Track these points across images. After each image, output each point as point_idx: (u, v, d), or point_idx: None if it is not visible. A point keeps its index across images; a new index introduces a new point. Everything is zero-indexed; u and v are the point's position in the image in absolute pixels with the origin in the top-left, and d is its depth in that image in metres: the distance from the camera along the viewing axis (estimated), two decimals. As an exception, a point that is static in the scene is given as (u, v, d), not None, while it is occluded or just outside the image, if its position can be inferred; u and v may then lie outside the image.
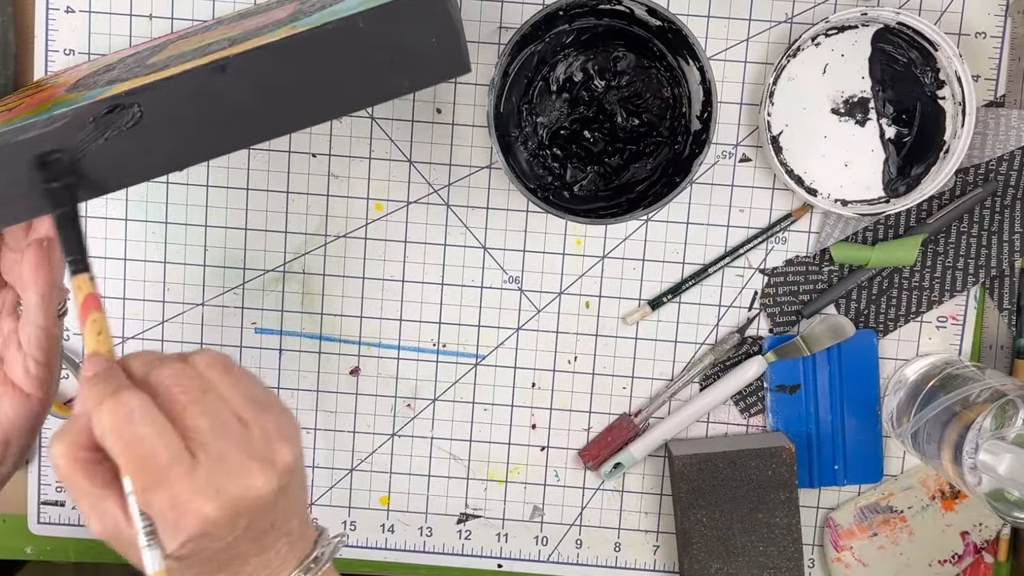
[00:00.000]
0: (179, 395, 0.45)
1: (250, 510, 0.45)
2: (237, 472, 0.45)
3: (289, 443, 0.47)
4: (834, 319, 0.74)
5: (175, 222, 0.75)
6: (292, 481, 0.47)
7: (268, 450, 0.46)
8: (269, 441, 0.46)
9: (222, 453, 0.45)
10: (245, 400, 0.47)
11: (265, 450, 0.46)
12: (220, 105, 0.51)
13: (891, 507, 0.76)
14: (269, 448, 0.46)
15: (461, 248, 0.75)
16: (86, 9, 0.72)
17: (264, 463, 0.46)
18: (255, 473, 0.45)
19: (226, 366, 0.48)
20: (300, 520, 0.50)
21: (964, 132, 0.68)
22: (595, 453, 0.77)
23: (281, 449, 0.47)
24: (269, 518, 0.47)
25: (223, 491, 0.44)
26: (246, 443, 0.46)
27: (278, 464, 0.46)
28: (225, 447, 0.45)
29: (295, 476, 0.48)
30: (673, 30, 0.66)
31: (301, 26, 0.50)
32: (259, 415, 0.47)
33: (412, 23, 0.50)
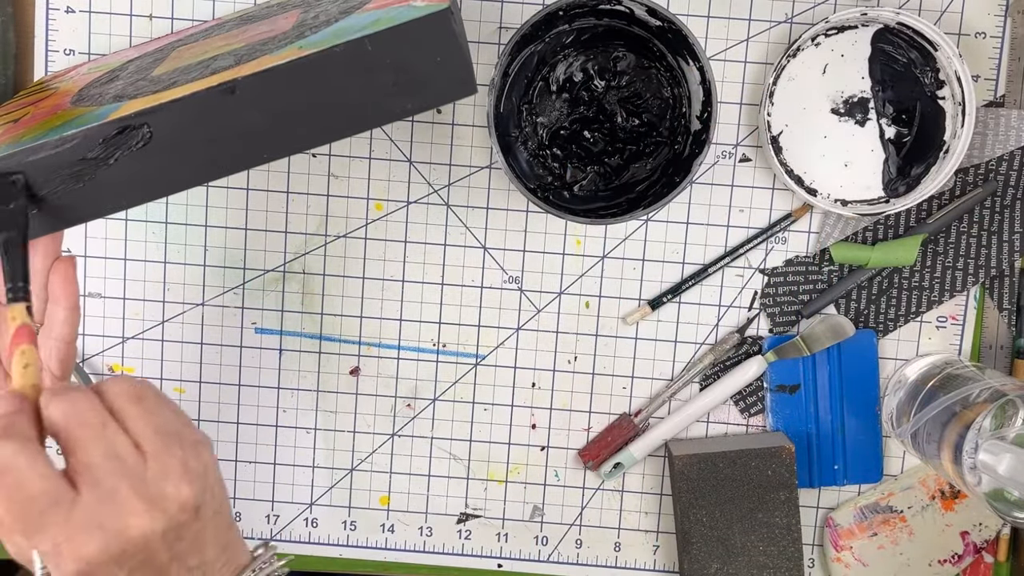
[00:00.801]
0: (75, 430, 0.45)
1: (138, 548, 0.45)
2: (121, 510, 0.44)
3: (189, 479, 0.46)
4: (834, 319, 0.74)
5: (175, 222, 0.75)
6: (199, 514, 0.47)
7: (162, 487, 0.46)
8: (167, 477, 0.46)
9: (110, 490, 0.44)
10: (152, 432, 0.47)
11: (159, 487, 0.45)
12: (228, 126, 0.51)
13: (891, 507, 0.76)
14: (164, 485, 0.46)
15: (461, 248, 0.75)
16: (86, 9, 0.72)
17: (153, 501, 0.45)
18: (140, 512, 0.44)
19: (138, 395, 0.47)
20: (219, 547, 0.49)
21: (964, 132, 0.68)
22: (595, 453, 0.77)
23: (179, 486, 0.46)
24: (167, 553, 0.46)
25: (105, 529, 0.44)
26: (139, 479, 0.45)
27: (171, 502, 0.46)
28: (115, 483, 0.44)
29: (204, 507, 0.47)
30: (673, 30, 0.66)
31: (308, 47, 0.51)
32: (164, 449, 0.46)
33: (419, 46, 0.50)
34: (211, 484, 0.48)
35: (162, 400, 0.49)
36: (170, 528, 0.46)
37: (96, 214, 0.53)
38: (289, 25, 0.58)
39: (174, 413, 0.49)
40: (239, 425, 0.77)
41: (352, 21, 0.53)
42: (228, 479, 0.78)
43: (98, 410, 0.46)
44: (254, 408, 0.77)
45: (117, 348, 0.76)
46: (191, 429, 0.49)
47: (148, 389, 0.48)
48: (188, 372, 0.76)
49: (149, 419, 0.47)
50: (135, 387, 0.48)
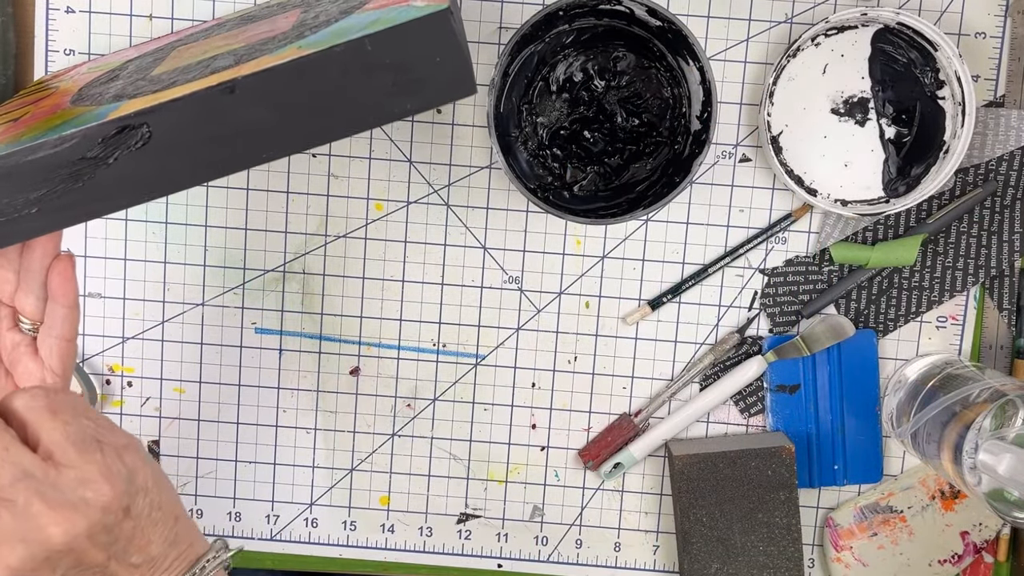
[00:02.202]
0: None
1: (63, 553, 0.47)
2: (38, 523, 0.46)
3: (111, 482, 0.48)
4: (834, 319, 0.74)
5: (175, 222, 0.75)
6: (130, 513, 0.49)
7: (79, 494, 0.47)
8: (84, 483, 0.47)
9: (24, 506, 0.46)
10: (67, 442, 0.48)
11: (76, 494, 0.47)
12: (227, 126, 0.51)
13: (891, 507, 0.76)
14: (82, 491, 0.47)
15: (461, 248, 0.75)
16: (86, 9, 0.72)
17: (73, 508, 0.47)
18: (59, 520, 0.46)
19: (51, 408, 0.49)
20: (166, 542, 0.51)
21: (964, 132, 0.68)
22: (595, 453, 0.77)
23: (99, 490, 0.48)
24: (102, 553, 0.48)
25: (27, 541, 0.46)
26: (52, 490, 0.47)
27: (92, 506, 0.47)
28: (27, 499, 0.46)
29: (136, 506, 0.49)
30: (673, 30, 0.66)
31: (308, 47, 0.51)
32: (80, 456, 0.48)
33: (419, 46, 0.50)
34: (141, 484, 0.50)
35: (78, 409, 0.50)
36: (96, 530, 0.47)
37: (95, 214, 0.53)
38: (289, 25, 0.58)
39: (91, 420, 0.50)
40: (239, 425, 0.77)
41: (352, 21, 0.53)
42: (228, 479, 0.78)
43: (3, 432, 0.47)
44: (254, 408, 0.77)
45: (117, 348, 0.76)
46: (114, 433, 0.50)
47: (61, 399, 0.50)
48: (188, 372, 0.76)
49: (64, 429, 0.48)
50: (47, 399, 0.49)
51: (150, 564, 0.50)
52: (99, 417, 0.51)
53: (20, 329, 0.57)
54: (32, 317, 0.56)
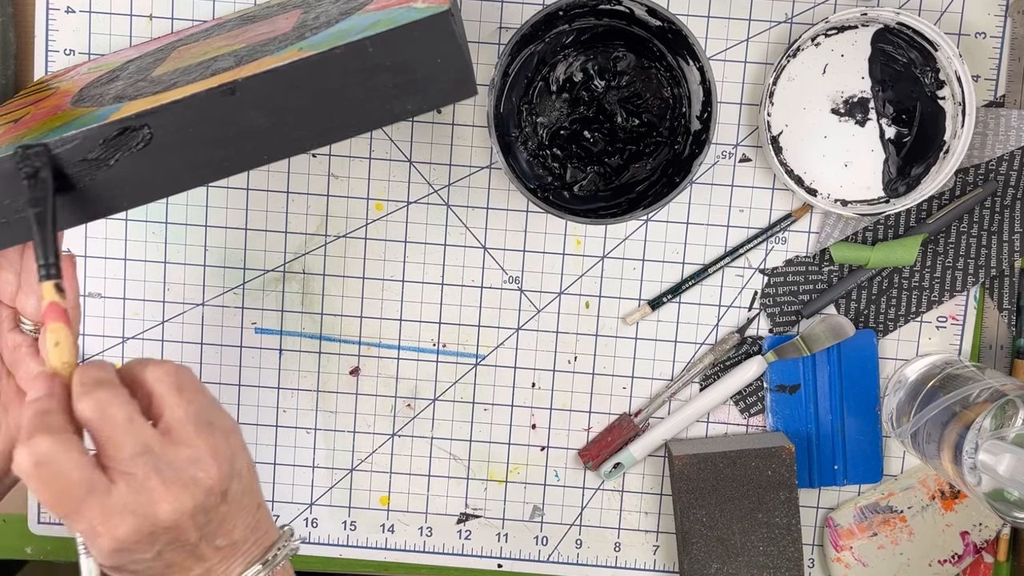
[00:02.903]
0: (103, 428, 0.47)
1: (166, 530, 0.48)
2: (152, 497, 0.47)
3: (218, 465, 0.49)
4: (834, 319, 0.74)
5: (175, 222, 0.75)
6: (226, 497, 0.50)
7: (191, 473, 0.48)
8: (196, 463, 0.49)
9: (141, 479, 0.47)
10: (187, 420, 0.49)
11: (188, 473, 0.48)
12: (228, 127, 0.51)
13: (891, 507, 0.76)
14: (193, 471, 0.48)
15: (461, 248, 0.75)
16: (86, 9, 0.72)
17: (183, 486, 0.48)
18: (170, 498, 0.47)
19: (178, 385, 0.50)
20: (248, 528, 0.52)
21: (964, 132, 0.68)
22: (595, 453, 0.77)
23: (208, 471, 0.49)
24: (196, 533, 0.49)
25: (137, 514, 0.47)
26: (168, 467, 0.48)
27: (200, 486, 0.48)
28: (145, 474, 0.47)
29: (231, 491, 0.50)
30: (673, 30, 0.66)
31: (309, 48, 0.51)
32: (196, 436, 0.49)
33: (419, 47, 0.50)
34: (239, 469, 0.51)
35: (199, 389, 0.51)
36: (198, 510, 0.48)
37: (96, 215, 0.53)
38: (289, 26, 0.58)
39: (209, 401, 0.51)
40: (239, 425, 0.77)
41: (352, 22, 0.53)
42: (228, 479, 0.78)
43: (124, 405, 0.48)
44: (254, 408, 0.77)
45: (117, 348, 0.76)
46: (223, 416, 0.52)
47: (187, 377, 0.51)
48: (188, 372, 0.76)
49: (187, 408, 0.49)
50: (176, 375, 0.50)
51: (232, 547, 0.51)
52: (212, 397, 0.52)
53: (21, 330, 0.57)
54: (33, 318, 0.56)
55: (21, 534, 0.78)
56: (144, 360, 0.51)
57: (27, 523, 0.78)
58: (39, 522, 0.78)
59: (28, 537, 0.78)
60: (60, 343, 0.49)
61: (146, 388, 0.50)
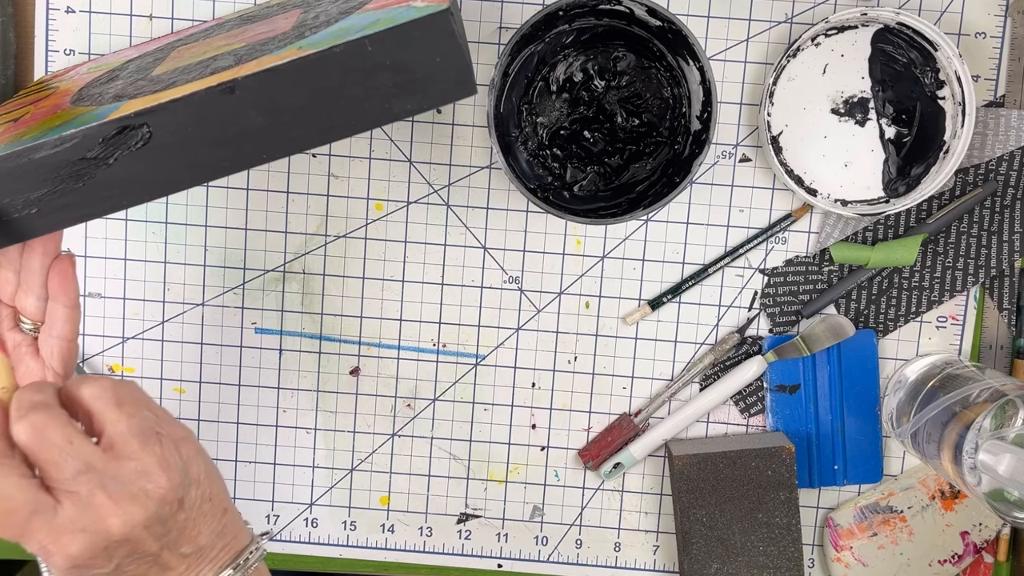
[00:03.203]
0: (42, 452, 0.47)
1: (120, 543, 0.48)
2: (100, 513, 0.47)
3: (168, 475, 0.49)
4: (834, 319, 0.74)
5: (175, 222, 0.75)
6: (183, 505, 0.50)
7: (140, 485, 0.48)
8: (144, 475, 0.49)
9: (87, 497, 0.47)
10: (130, 434, 0.49)
11: (137, 485, 0.48)
12: (228, 126, 0.51)
13: (891, 507, 0.76)
14: (142, 483, 0.49)
15: (461, 248, 0.75)
16: (86, 9, 0.72)
17: (132, 499, 0.48)
18: (119, 512, 0.48)
19: (117, 400, 0.50)
20: (213, 533, 0.52)
21: (964, 132, 0.68)
22: (595, 453, 0.77)
23: (157, 482, 0.49)
24: (156, 543, 0.49)
25: (87, 531, 0.47)
26: (114, 482, 0.48)
27: (150, 498, 0.49)
28: (90, 491, 0.47)
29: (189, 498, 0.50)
30: (673, 30, 0.66)
31: (308, 47, 0.51)
32: (141, 448, 0.49)
33: (419, 46, 0.50)
34: (194, 476, 0.51)
35: (140, 401, 0.51)
36: (152, 521, 0.49)
37: (96, 214, 0.53)
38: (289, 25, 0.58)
39: (152, 412, 0.51)
40: (239, 425, 0.77)
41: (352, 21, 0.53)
42: (228, 479, 0.78)
43: (61, 426, 0.48)
44: (254, 408, 0.77)
45: (117, 348, 0.76)
46: (172, 425, 0.52)
47: (127, 391, 0.51)
48: (188, 372, 0.76)
49: (128, 422, 0.49)
50: (114, 391, 0.50)
51: (198, 554, 0.52)
52: (159, 409, 0.52)
53: (21, 329, 0.57)
54: (33, 317, 0.56)
55: (21, 534, 0.78)
56: (80, 378, 0.51)
57: (27, 523, 0.78)
58: (39, 522, 0.78)
59: (28, 537, 0.78)
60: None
61: (84, 406, 0.50)
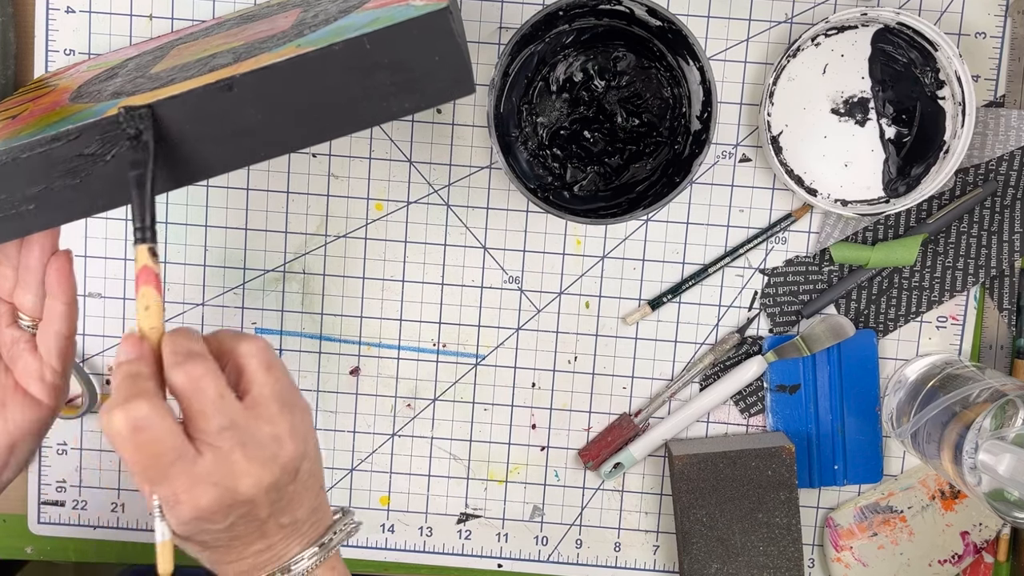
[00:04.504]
0: (193, 401, 0.48)
1: (243, 503, 0.49)
2: (235, 470, 0.48)
3: (295, 443, 0.50)
4: (834, 319, 0.74)
5: (175, 222, 0.75)
6: (297, 476, 0.51)
7: (272, 450, 0.49)
8: (277, 441, 0.49)
9: (226, 453, 0.48)
10: (273, 399, 0.50)
11: (270, 450, 0.49)
12: (226, 123, 0.51)
13: (891, 507, 0.76)
14: (274, 448, 0.49)
15: (461, 248, 0.75)
16: (86, 9, 0.72)
17: (264, 463, 0.49)
18: (252, 472, 0.48)
19: (268, 363, 0.51)
20: (310, 509, 0.53)
21: (964, 132, 0.68)
22: (595, 453, 0.77)
23: (287, 448, 0.50)
24: (267, 509, 0.50)
25: (219, 485, 0.48)
26: (252, 443, 0.49)
27: (278, 463, 0.49)
28: (230, 447, 0.48)
29: (302, 470, 0.51)
30: (673, 30, 0.66)
31: (307, 45, 0.51)
32: (279, 414, 0.50)
33: (418, 45, 0.50)
34: (310, 448, 0.52)
35: (284, 368, 0.52)
36: (272, 487, 0.50)
37: (93, 210, 0.53)
38: (288, 24, 0.58)
39: (290, 381, 0.52)
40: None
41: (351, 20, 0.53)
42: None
43: (215, 379, 0.48)
44: (254, 408, 0.77)
45: (117, 348, 0.76)
46: (300, 396, 0.53)
47: (275, 355, 0.52)
48: (188, 372, 0.76)
49: (273, 386, 0.50)
50: (267, 354, 0.51)
51: (294, 526, 0.52)
52: (292, 379, 0.53)
53: (19, 325, 0.57)
54: (31, 313, 0.56)
55: (21, 534, 0.78)
56: (237, 333, 0.51)
57: (27, 523, 0.78)
58: (39, 522, 0.78)
59: (28, 537, 0.78)
60: (150, 307, 0.49)
61: (237, 362, 0.51)
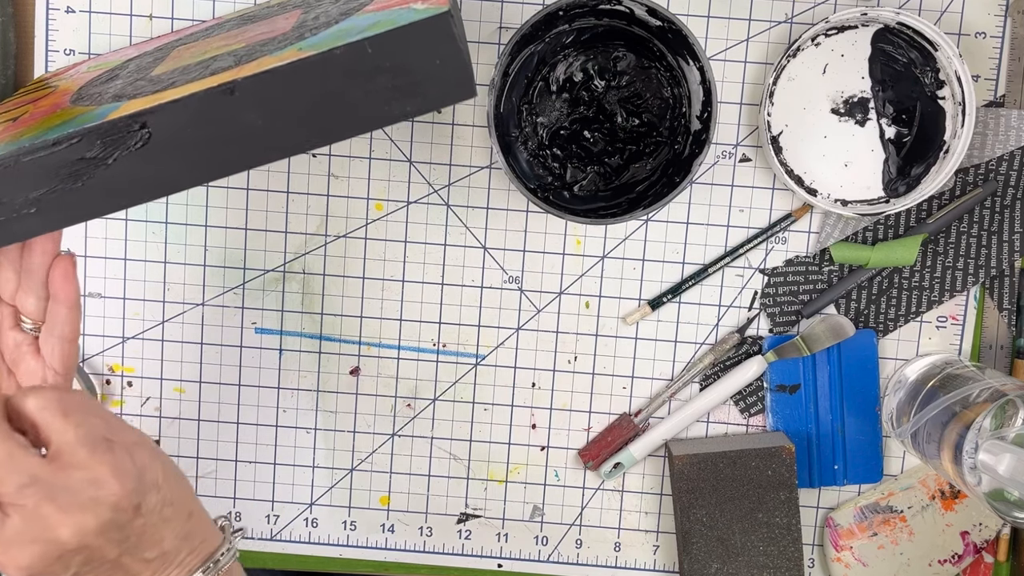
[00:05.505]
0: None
1: (75, 551, 0.48)
2: (49, 524, 0.47)
3: (121, 481, 0.49)
4: (834, 319, 0.74)
5: (175, 222, 0.75)
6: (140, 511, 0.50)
7: (89, 494, 0.48)
8: (95, 484, 0.48)
9: (34, 509, 0.47)
10: (77, 443, 0.49)
11: (86, 494, 0.48)
12: (227, 127, 0.51)
13: (891, 507, 0.76)
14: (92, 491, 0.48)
15: (461, 248, 0.75)
16: (86, 9, 0.72)
17: (82, 508, 0.48)
18: (69, 522, 0.47)
19: (63, 409, 0.49)
20: (178, 537, 0.52)
21: (964, 132, 0.68)
22: (595, 453, 0.77)
23: (109, 489, 0.48)
24: (114, 549, 0.49)
25: (38, 541, 0.47)
26: (62, 493, 0.48)
27: (102, 505, 0.48)
28: (37, 503, 0.47)
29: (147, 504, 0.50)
30: (673, 30, 0.66)
31: (308, 49, 0.50)
32: (90, 457, 0.49)
33: (419, 48, 0.50)
34: (152, 481, 0.50)
35: (89, 409, 0.50)
36: (107, 527, 0.48)
37: (95, 214, 0.53)
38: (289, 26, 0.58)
39: (102, 419, 0.50)
40: (239, 425, 0.77)
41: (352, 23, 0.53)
42: (228, 479, 0.78)
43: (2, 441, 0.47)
44: (254, 408, 0.77)
45: (117, 348, 0.76)
46: (125, 432, 0.51)
47: (74, 400, 0.50)
48: (188, 372, 0.76)
49: (76, 431, 0.49)
50: (59, 401, 0.50)
51: (163, 559, 0.51)
52: (109, 415, 0.51)
53: (22, 328, 0.57)
54: (33, 317, 0.56)
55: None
56: (25, 390, 0.50)
57: (27, 523, 0.78)
58: (39, 522, 0.78)
59: (28, 537, 0.78)
60: None
61: (29, 418, 0.49)
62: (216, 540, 0.54)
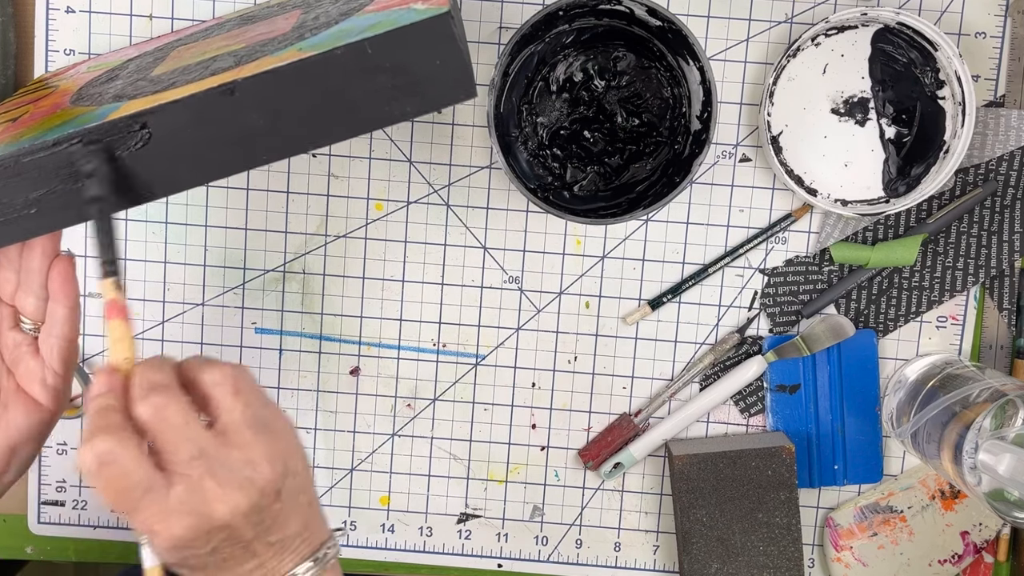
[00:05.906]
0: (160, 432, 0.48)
1: (221, 528, 0.49)
2: (207, 498, 0.48)
3: (272, 466, 0.50)
4: (834, 319, 0.74)
5: (175, 222, 0.75)
6: (280, 496, 0.50)
7: (246, 475, 0.49)
8: (251, 465, 0.49)
9: (197, 481, 0.48)
10: (243, 423, 0.50)
11: (243, 474, 0.49)
12: (227, 127, 0.51)
13: (891, 507, 0.76)
14: (248, 472, 0.49)
15: (461, 248, 0.75)
16: (86, 9, 0.72)
17: (238, 488, 0.49)
18: (225, 499, 0.48)
19: (235, 388, 0.50)
20: (300, 526, 0.52)
21: (964, 132, 0.68)
22: (595, 453, 0.77)
23: (262, 472, 0.49)
24: (251, 531, 0.50)
25: (193, 514, 0.48)
26: (224, 469, 0.49)
27: (254, 487, 0.49)
28: (200, 476, 0.48)
29: (285, 490, 0.51)
30: (673, 30, 0.66)
31: (308, 49, 0.50)
32: (252, 438, 0.50)
33: (419, 49, 0.50)
34: (293, 468, 0.51)
35: (256, 391, 0.52)
36: (252, 510, 0.49)
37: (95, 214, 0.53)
38: (289, 26, 0.58)
39: (264, 403, 0.52)
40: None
41: (352, 23, 0.53)
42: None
43: (180, 410, 0.48)
44: (254, 408, 0.77)
45: (117, 348, 0.76)
46: (278, 417, 0.52)
47: (245, 380, 0.51)
48: (188, 372, 0.76)
49: (243, 411, 0.50)
50: (234, 379, 0.51)
51: (283, 544, 0.52)
52: (268, 399, 0.52)
53: (21, 328, 0.57)
54: (33, 317, 0.56)
55: (21, 534, 0.78)
56: (203, 361, 0.51)
57: (27, 523, 0.78)
58: (39, 522, 0.78)
59: (28, 537, 0.78)
60: (120, 340, 0.50)
61: (203, 390, 0.50)
62: (324, 533, 0.55)
